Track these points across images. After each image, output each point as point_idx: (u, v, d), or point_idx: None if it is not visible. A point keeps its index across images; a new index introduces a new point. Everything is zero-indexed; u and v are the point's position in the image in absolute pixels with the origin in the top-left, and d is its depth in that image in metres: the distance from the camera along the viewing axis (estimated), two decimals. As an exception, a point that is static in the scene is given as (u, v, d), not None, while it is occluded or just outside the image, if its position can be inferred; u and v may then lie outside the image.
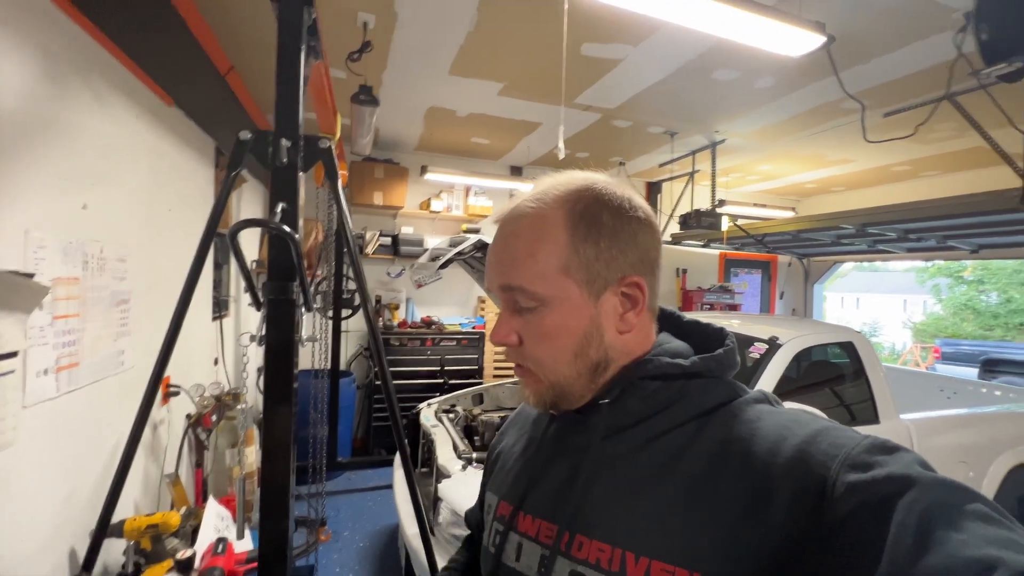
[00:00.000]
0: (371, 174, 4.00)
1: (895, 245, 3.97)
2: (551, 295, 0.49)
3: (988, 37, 1.59)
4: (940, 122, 2.84)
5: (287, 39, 1.01)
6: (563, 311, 0.50)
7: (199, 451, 1.90)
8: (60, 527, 1.21)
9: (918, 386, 3.60)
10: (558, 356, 0.50)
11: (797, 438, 0.43)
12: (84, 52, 1.30)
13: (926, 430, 2.32)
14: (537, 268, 0.49)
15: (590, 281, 0.50)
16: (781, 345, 2.21)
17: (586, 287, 0.50)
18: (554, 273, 0.49)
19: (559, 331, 0.50)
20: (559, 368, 0.51)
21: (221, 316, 2.62)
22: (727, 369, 0.51)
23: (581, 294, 0.50)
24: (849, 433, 0.43)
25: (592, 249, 0.49)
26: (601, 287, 0.50)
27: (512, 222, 0.52)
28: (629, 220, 0.50)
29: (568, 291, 0.49)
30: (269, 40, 2.47)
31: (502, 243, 0.52)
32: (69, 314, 1.22)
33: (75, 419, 1.27)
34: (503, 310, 0.53)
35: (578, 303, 0.50)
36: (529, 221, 0.51)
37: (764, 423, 0.46)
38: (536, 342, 0.51)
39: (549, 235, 0.50)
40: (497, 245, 0.53)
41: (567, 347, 0.50)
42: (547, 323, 0.50)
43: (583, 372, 0.51)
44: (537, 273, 0.49)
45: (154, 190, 1.76)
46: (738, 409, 0.48)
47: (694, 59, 2.40)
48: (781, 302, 5.89)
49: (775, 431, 0.45)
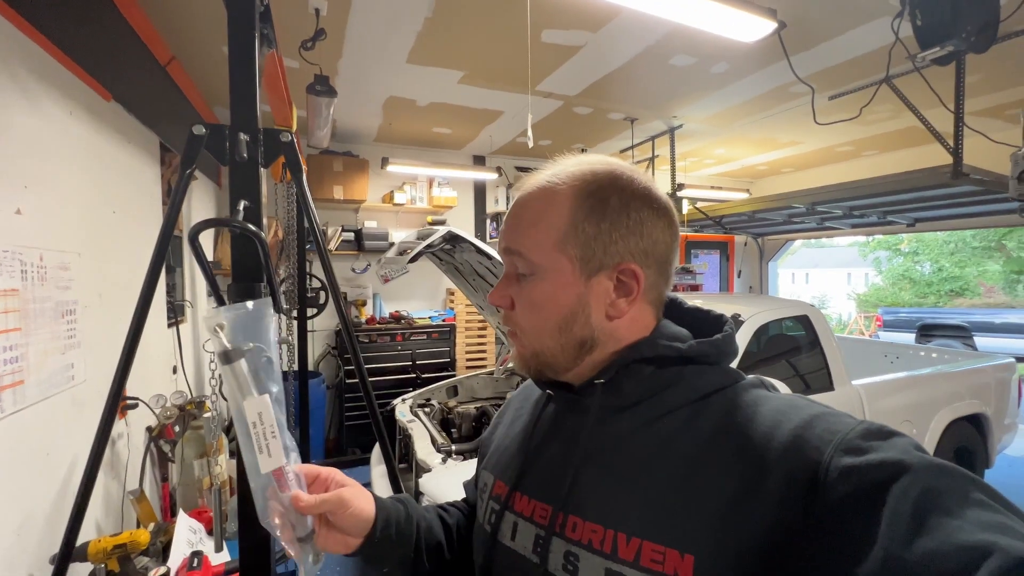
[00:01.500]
0: (330, 167, 3.87)
1: (841, 222, 4.20)
2: (544, 265, 0.51)
3: (923, 22, 1.68)
4: (879, 104, 3.01)
5: (239, 27, 0.95)
6: (552, 283, 0.51)
7: (163, 464, 1.81)
8: (15, 558, 1.13)
9: (865, 353, 3.86)
10: (541, 326, 0.52)
11: (792, 423, 0.43)
12: (6, 43, 1.19)
13: (874, 394, 2.50)
14: (537, 237, 0.51)
15: (584, 259, 0.50)
16: (743, 321, 2.31)
17: (579, 264, 0.50)
18: (551, 245, 0.51)
19: (546, 302, 0.51)
20: (542, 338, 0.52)
21: (177, 322, 2.48)
22: (725, 355, 0.52)
23: (573, 270, 0.50)
24: (845, 419, 0.43)
25: (592, 228, 0.50)
26: (595, 268, 0.50)
27: (527, 192, 0.54)
28: (639, 207, 0.50)
29: (560, 265, 0.50)
30: (211, 27, 2.34)
31: (514, 209, 0.54)
32: (9, 328, 1.13)
33: (24, 441, 1.18)
34: (504, 274, 0.55)
35: (568, 279, 0.51)
36: (540, 193, 0.52)
37: (759, 408, 0.46)
38: (524, 309, 0.53)
39: (554, 209, 0.51)
40: (510, 211, 0.55)
41: (551, 319, 0.51)
42: (536, 292, 0.52)
43: (567, 347, 0.52)
44: (536, 242, 0.51)
45: (95, 191, 1.64)
46: (733, 394, 0.49)
47: (652, 45, 2.43)
48: (739, 280, 6.14)
49: (770, 416, 0.45)
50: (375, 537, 0.55)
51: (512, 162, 4.78)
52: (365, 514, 0.54)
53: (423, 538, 0.61)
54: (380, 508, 0.57)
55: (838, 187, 3.07)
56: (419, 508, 0.64)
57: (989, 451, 2.95)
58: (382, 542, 0.55)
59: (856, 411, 2.39)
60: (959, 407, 2.76)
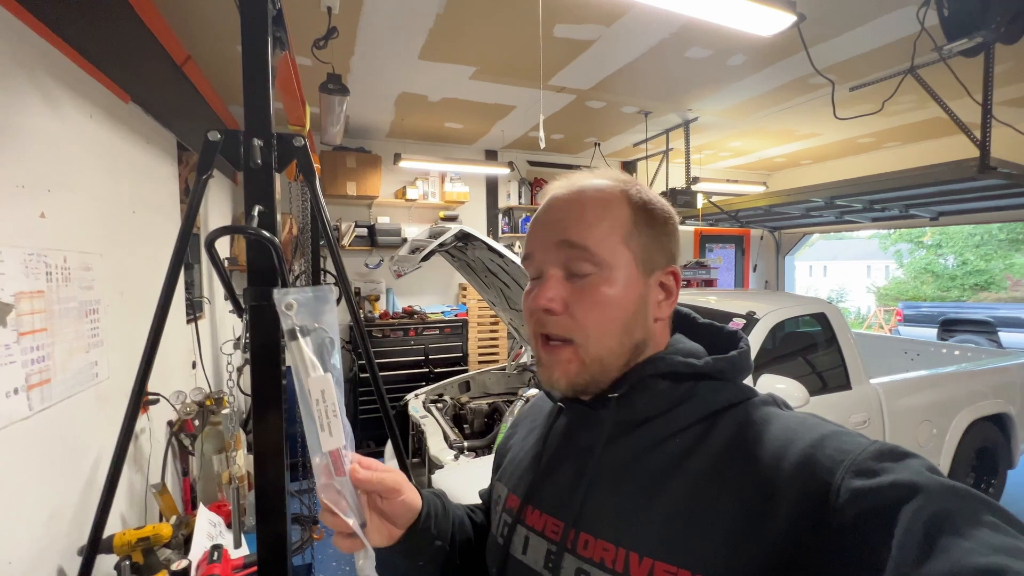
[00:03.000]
0: (343, 164, 3.89)
1: (861, 216, 4.10)
2: (612, 262, 0.50)
3: (950, 12, 1.63)
4: (902, 95, 2.92)
5: (252, 33, 0.95)
6: (620, 281, 0.50)
7: (184, 458, 1.86)
8: (45, 549, 1.17)
9: (884, 350, 3.78)
10: (608, 327, 0.50)
11: (803, 442, 0.43)
12: (28, 48, 1.21)
13: (893, 393, 2.45)
14: (602, 232, 0.50)
15: (644, 259, 0.51)
16: (758, 319, 2.28)
17: (641, 264, 0.51)
18: (617, 241, 0.50)
19: (614, 301, 0.50)
20: (606, 341, 0.50)
21: (196, 318, 2.54)
22: (740, 372, 0.51)
23: (636, 268, 0.51)
24: (857, 439, 0.42)
25: (648, 232, 0.52)
26: (651, 268, 0.52)
27: (575, 192, 0.53)
28: (668, 219, 0.54)
29: (627, 261, 0.51)
30: (224, 24, 2.35)
31: (565, 205, 0.52)
32: (36, 329, 1.16)
33: (52, 437, 1.23)
34: (552, 273, 0.51)
35: (633, 276, 0.51)
36: (594, 193, 0.52)
37: (771, 426, 0.46)
38: (588, 310, 0.50)
39: (614, 208, 0.51)
40: (558, 206, 0.53)
41: (619, 319, 0.50)
42: (603, 291, 0.49)
43: (625, 351, 0.51)
44: (602, 236, 0.50)
45: (115, 192, 1.68)
46: (745, 412, 0.48)
47: (667, 38, 2.39)
48: (755, 275, 6.05)
49: (782, 434, 0.45)
50: (418, 527, 0.54)
51: (524, 156, 4.76)
52: (414, 503, 0.54)
53: (457, 533, 0.61)
54: (424, 499, 0.56)
55: (859, 181, 3.00)
56: (452, 504, 0.64)
57: (1012, 452, 2.88)
58: (423, 533, 0.55)
59: (875, 410, 2.35)
60: (982, 406, 2.70)
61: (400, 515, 0.53)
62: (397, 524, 0.53)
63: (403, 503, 0.52)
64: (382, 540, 0.52)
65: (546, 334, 0.52)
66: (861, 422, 2.29)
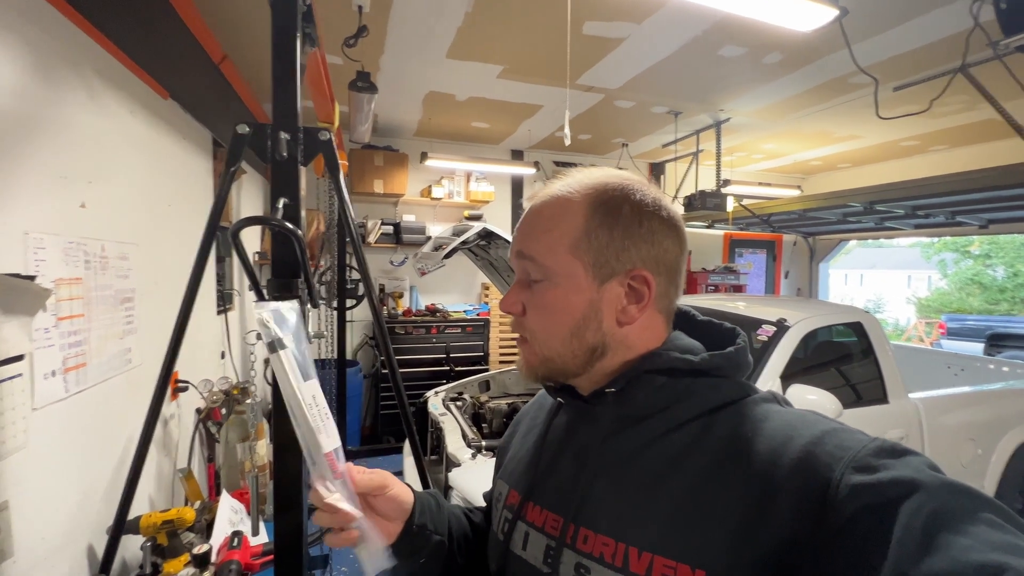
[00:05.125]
0: (371, 162, 3.95)
1: (903, 222, 3.92)
2: (557, 271, 0.52)
3: (1007, 5, 1.53)
4: (951, 95, 2.77)
5: (282, 28, 0.97)
6: (565, 289, 0.51)
7: (210, 445, 1.91)
8: (77, 526, 1.22)
9: (925, 363, 3.60)
10: (553, 331, 0.52)
11: (803, 439, 0.43)
12: (75, 47, 1.27)
13: (934, 408, 2.32)
14: (550, 243, 0.52)
15: (597, 266, 0.51)
16: (789, 327, 2.20)
17: (592, 270, 0.51)
18: (564, 251, 0.51)
19: (558, 307, 0.52)
20: (552, 343, 0.53)
21: (226, 310, 2.61)
22: (738, 368, 0.51)
23: (586, 276, 0.51)
24: (857, 435, 0.42)
25: (605, 236, 0.51)
26: (607, 274, 0.51)
27: (541, 200, 0.55)
28: (650, 217, 0.52)
29: (573, 270, 0.51)
30: (260, 24, 2.41)
31: (528, 216, 0.56)
32: (74, 314, 1.21)
33: (85, 419, 1.27)
34: (516, 280, 0.56)
35: (581, 284, 0.51)
36: (554, 201, 0.54)
37: (771, 423, 0.46)
38: (536, 314, 0.53)
39: (568, 216, 0.52)
40: (524, 218, 0.56)
41: (564, 324, 0.52)
42: (548, 297, 0.52)
43: (578, 352, 0.52)
44: (548, 247, 0.52)
45: (152, 185, 1.74)
46: (745, 408, 0.49)
47: (700, 36, 2.33)
48: (786, 281, 5.86)
49: (781, 431, 0.45)
50: (413, 523, 0.56)
51: (550, 156, 4.73)
52: (404, 497, 0.56)
53: (454, 527, 0.63)
54: (415, 496, 0.58)
55: (900, 185, 2.86)
56: (446, 502, 0.66)
57: (1066, 477, 2.69)
58: (419, 529, 0.57)
59: (913, 426, 2.23)
60: (1033, 427, 2.53)
61: (391, 510, 0.55)
62: (390, 518, 0.55)
63: (393, 498, 0.54)
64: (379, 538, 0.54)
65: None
66: (898, 438, 2.18)
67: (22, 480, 1.02)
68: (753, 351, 2.23)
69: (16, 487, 1.00)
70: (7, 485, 0.98)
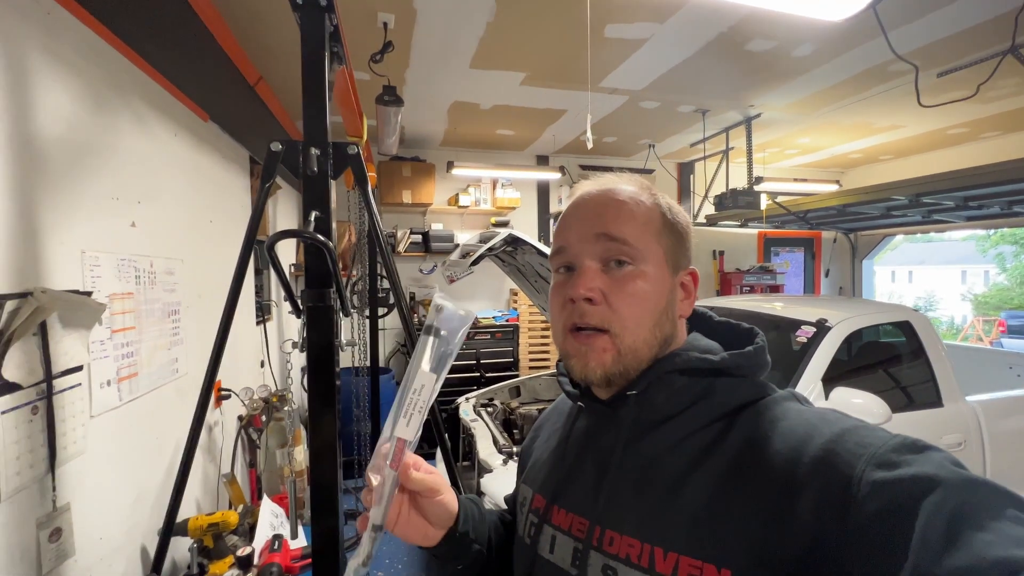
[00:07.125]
0: (399, 173, 4.04)
1: (953, 214, 3.69)
2: (649, 254, 0.52)
3: (1061, -20, 1.43)
4: (1000, 78, 2.60)
5: (311, 49, 1.01)
6: (654, 275, 0.52)
7: (252, 451, 1.99)
8: (132, 528, 1.29)
9: (985, 364, 3.37)
10: (643, 318, 0.51)
11: (824, 437, 0.43)
12: (123, 76, 1.36)
13: (995, 412, 2.16)
14: (638, 227, 0.52)
15: (672, 258, 0.54)
16: (831, 327, 2.10)
17: (669, 261, 0.54)
18: (651, 238, 0.53)
19: (648, 293, 0.51)
20: (641, 331, 0.51)
21: (264, 320, 2.71)
22: (757, 368, 0.52)
23: (666, 265, 0.53)
24: (878, 432, 0.42)
25: (672, 234, 0.54)
26: (676, 267, 0.55)
27: (608, 190, 0.55)
28: (687, 226, 0.57)
29: (659, 258, 0.53)
30: (292, 46, 2.51)
31: (602, 200, 0.54)
32: (126, 327, 1.29)
33: (137, 425, 1.35)
34: (589, 264, 0.52)
35: (664, 271, 0.53)
36: (628, 191, 0.54)
37: (791, 421, 0.46)
38: (625, 300, 0.51)
39: (646, 207, 0.54)
40: (593, 202, 0.54)
41: (652, 311, 0.52)
42: (639, 283, 0.51)
43: (656, 343, 0.52)
44: (640, 230, 0.52)
45: (195, 203, 1.83)
46: (765, 407, 0.49)
47: (725, 32, 2.28)
48: (827, 280, 5.62)
49: (802, 429, 0.45)
50: (457, 531, 0.56)
51: (576, 160, 4.72)
52: (451, 505, 0.56)
53: (494, 537, 0.63)
54: (460, 503, 0.58)
55: (949, 175, 2.70)
56: (486, 508, 0.66)
57: None
58: (462, 538, 0.57)
59: (972, 431, 2.09)
60: (1109, 432, 2.33)
61: (437, 515, 0.54)
62: (433, 524, 0.55)
63: (441, 503, 0.54)
64: (417, 538, 0.54)
65: (580, 325, 0.52)
66: (956, 444, 2.04)
67: (82, 484, 1.08)
68: (792, 354, 2.15)
69: (76, 490, 1.07)
70: (69, 488, 1.04)
